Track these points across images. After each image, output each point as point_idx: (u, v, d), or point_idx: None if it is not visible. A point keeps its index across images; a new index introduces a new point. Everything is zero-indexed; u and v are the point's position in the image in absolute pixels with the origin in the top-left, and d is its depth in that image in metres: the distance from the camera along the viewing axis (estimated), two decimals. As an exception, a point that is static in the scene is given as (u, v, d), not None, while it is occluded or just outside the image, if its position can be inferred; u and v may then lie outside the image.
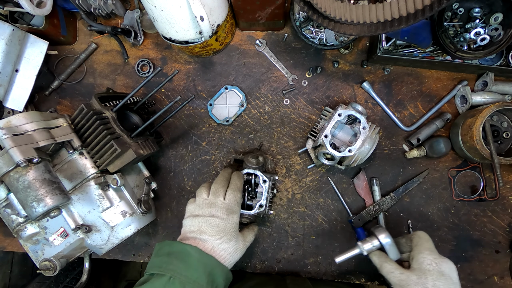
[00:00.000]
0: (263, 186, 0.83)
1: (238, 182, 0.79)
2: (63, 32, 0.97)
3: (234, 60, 1.00)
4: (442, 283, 0.62)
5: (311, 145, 0.93)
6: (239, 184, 0.78)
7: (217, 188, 0.75)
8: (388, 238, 0.72)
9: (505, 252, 0.94)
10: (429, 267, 0.64)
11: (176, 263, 0.65)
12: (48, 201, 0.63)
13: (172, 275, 0.64)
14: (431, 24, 0.84)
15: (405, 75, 0.97)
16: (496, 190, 0.94)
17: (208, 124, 1.00)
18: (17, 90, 0.91)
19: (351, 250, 0.76)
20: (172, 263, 0.66)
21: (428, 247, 0.68)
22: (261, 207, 0.82)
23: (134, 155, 0.75)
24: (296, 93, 0.99)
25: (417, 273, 0.64)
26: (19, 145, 0.64)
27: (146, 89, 1.00)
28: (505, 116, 0.90)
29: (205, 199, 0.74)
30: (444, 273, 0.63)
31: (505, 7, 0.82)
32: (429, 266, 0.64)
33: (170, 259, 0.67)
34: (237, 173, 0.82)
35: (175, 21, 0.80)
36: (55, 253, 0.81)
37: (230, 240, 0.71)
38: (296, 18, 0.91)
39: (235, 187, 0.77)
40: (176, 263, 0.66)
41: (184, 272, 0.64)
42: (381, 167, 0.97)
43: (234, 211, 0.73)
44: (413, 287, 0.63)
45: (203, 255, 0.67)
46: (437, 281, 0.62)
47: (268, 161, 0.95)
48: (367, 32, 0.64)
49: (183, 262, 0.66)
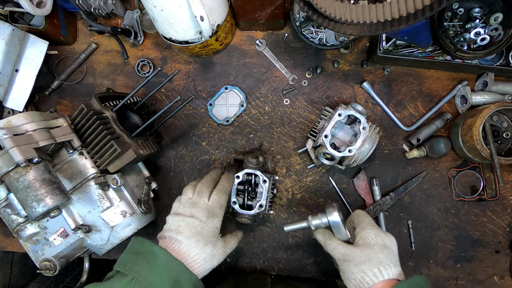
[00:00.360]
0: (263, 186, 0.83)
1: (226, 184, 0.76)
2: (63, 32, 0.97)
3: (234, 60, 1.00)
4: (384, 255, 0.64)
5: (311, 145, 0.93)
6: (226, 186, 0.75)
7: (202, 188, 0.73)
8: (338, 218, 0.70)
9: (505, 252, 0.94)
10: (373, 241, 0.66)
11: (141, 264, 0.62)
12: (48, 201, 0.63)
13: (134, 277, 0.60)
14: (431, 24, 0.84)
15: (405, 75, 0.97)
16: (496, 190, 0.94)
17: (208, 124, 1.00)
18: (17, 90, 0.91)
19: (300, 222, 0.75)
20: (138, 264, 0.62)
21: (370, 223, 0.69)
22: (261, 207, 0.82)
23: (134, 155, 0.75)
24: (296, 93, 0.99)
25: (360, 247, 0.65)
26: (19, 145, 0.64)
27: (146, 89, 1.00)
28: (505, 116, 0.90)
29: (189, 198, 0.72)
30: (387, 246, 0.65)
31: (505, 7, 0.82)
32: (373, 240, 0.66)
33: (137, 259, 0.63)
34: (226, 175, 0.79)
35: (175, 21, 0.80)
36: (55, 253, 0.81)
37: (206, 245, 0.67)
38: (296, 18, 0.91)
39: (222, 189, 0.74)
40: (141, 263, 0.62)
41: (148, 276, 0.61)
42: (381, 167, 0.97)
43: (215, 214, 0.70)
44: (356, 259, 0.64)
45: (171, 260, 0.63)
46: (379, 253, 0.64)
47: (268, 161, 0.95)
48: (367, 32, 0.64)
49: (149, 264, 0.62)
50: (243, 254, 0.97)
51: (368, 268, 0.62)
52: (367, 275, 0.62)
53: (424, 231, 0.95)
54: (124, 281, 0.60)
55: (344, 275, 0.66)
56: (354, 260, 0.64)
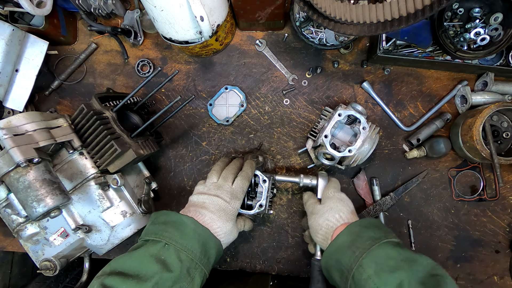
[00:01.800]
0: (263, 186, 0.83)
1: (249, 171, 0.81)
2: (63, 32, 0.97)
3: (234, 60, 1.00)
4: (342, 205, 0.76)
5: (311, 145, 0.93)
6: (249, 173, 0.81)
7: (227, 174, 0.79)
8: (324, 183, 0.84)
9: (505, 252, 0.94)
10: (331, 195, 0.79)
11: (171, 231, 0.67)
12: (49, 201, 0.63)
13: (167, 242, 0.65)
14: (431, 24, 0.84)
15: (405, 75, 0.97)
16: (496, 190, 0.94)
17: (208, 124, 1.00)
18: (17, 90, 0.91)
19: (292, 177, 0.87)
20: (168, 231, 0.67)
21: (333, 186, 0.81)
22: (261, 207, 0.83)
23: (134, 155, 0.75)
24: (296, 93, 0.99)
25: (323, 202, 0.78)
26: (19, 145, 0.64)
27: (146, 89, 1.00)
28: (505, 116, 0.90)
29: (214, 182, 0.78)
30: (343, 199, 0.78)
31: (505, 7, 0.82)
32: (331, 194, 0.79)
33: (166, 227, 0.68)
34: (250, 162, 0.84)
35: (175, 21, 0.80)
36: (55, 253, 0.81)
37: (227, 221, 0.74)
38: (296, 18, 0.91)
39: (245, 176, 0.80)
40: (171, 231, 0.67)
41: (180, 240, 0.66)
42: (381, 167, 0.97)
43: (238, 197, 0.77)
44: (320, 209, 0.76)
45: (198, 226, 0.69)
46: (338, 203, 0.76)
47: (268, 161, 0.95)
48: (367, 32, 0.64)
49: (179, 230, 0.68)
50: (243, 254, 0.97)
51: (331, 215, 0.74)
52: (330, 221, 0.73)
53: (424, 231, 0.95)
54: (158, 246, 0.65)
55: (312, 230, 0.77)
56: (320, 212, 0.76)
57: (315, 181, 0.85)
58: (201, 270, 0.67)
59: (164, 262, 0.63)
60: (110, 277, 0.60)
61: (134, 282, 0.59)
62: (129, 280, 0.59)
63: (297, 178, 0.86)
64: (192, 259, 0.66)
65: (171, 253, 0.64)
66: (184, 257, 0.65)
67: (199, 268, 0.66)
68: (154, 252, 0.64)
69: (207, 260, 0.69)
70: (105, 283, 0.59)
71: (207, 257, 0.69)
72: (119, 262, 0.64)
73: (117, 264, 0.63)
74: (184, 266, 0.64)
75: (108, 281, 0.59)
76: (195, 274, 0.66)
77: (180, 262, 0.64)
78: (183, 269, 0.64)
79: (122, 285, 0.58)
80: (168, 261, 0.63)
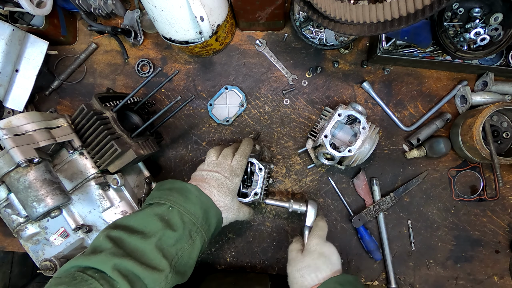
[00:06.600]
0: (259, 174, 0.84)
1: (247, 148, 0.83)
2: (63, 32, 0.97)
3: (234, 60, 1.00)
4: (322, 261, 0.72)
5: (311, 145, 0.93)
6: (246, 150, 0.82)
7: (227, 152, 0.81)
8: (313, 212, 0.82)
9: (505, 252, 0.94)
10: (313, 248, 0.74)
11: (176, 196, 0.70)
12: (49, 201, 0.63)
13: (171, 205, 0.68)
14: (431, 24, 0.84)
15: (405, 75, 0.97)
16: (496, 190, 0.94)
17: (208, 124, 1.00)
18: (17, 90, 0.91)
19: (282, 202, 0.86)
20: (173, 195, 0.70)
21: (319, 235, 0.77)
22: (256, 195, 0.83)
23: (135, 155, 0.75)
24: (296, 93, 0.99)
25: (304, 254, 0.75)
26: (19, 145, 0.64)
27: (146, 89, 1.00)
28: (505, 116, 0.90)
29: (213, 160, 0.79)
30: (324, 254, 0.73)
31: (505, 7, 0.82)
32: (313, 247, 0.75)
33: (171, 192, 0.71)
34: (247, 139, 0.86)
35: (175, 21, 0.80)
36: (55, 253, 0.81)
37: (226, 195, 0.75)
38: (296, 18, 0.91)
39: (242, 153, 0.81)
40: (176, 195, 0.70)
41: (183, 204, 0.69)
42: (381, 167, 0.97)
43: (237, 174, 0.78)
44: (298, 264, 0.74)
45: (202, 194, 0.72)
46: (317, 260, 0.72)
47: (264, 150, 0.95)
48: (367, 32, 0.64)
49: (183, 195, 0.70)
50: (243, 254, 0.97)
51: (307, 273, 0.71)
52: (306, 279, 0.71)
53: (424, 231, 0.95)
54: (163, 208, 0.68)
55: (288, 277, 0.75)
56: (298, 265, 0.73)
57: (304, 208, 0.83)
58: (202, 235, 0.69)
59: (168, 221, 0.66)
60: (116, 230, 0.63)
61: (139, 236, 0.62)
62: (134, 235, 0.62)
63: (286, 203, 0.85)
64: (194, 222, 0.68)
65: (174, 214, 0.67)
66: (187, 220, 0.68)
67: (200, 233, 0.69)
68: (159, 212, 0.67)
69: (208, 227, 0.71)
70: (111, 234, 0.62)
71: (208, 224, 0.71)
72: (124, 220, 0.67)
73: (122, 221, 0.66)
74: (187, 227, 0.67)
75: (114, 233, 0.62)
76: (196, 238, 0.68)
77: (183, 223, 0.67)
78: (186, 230, 0.67)
79: (128, 238, 0.62)
80: (171, 221, 0.66)
